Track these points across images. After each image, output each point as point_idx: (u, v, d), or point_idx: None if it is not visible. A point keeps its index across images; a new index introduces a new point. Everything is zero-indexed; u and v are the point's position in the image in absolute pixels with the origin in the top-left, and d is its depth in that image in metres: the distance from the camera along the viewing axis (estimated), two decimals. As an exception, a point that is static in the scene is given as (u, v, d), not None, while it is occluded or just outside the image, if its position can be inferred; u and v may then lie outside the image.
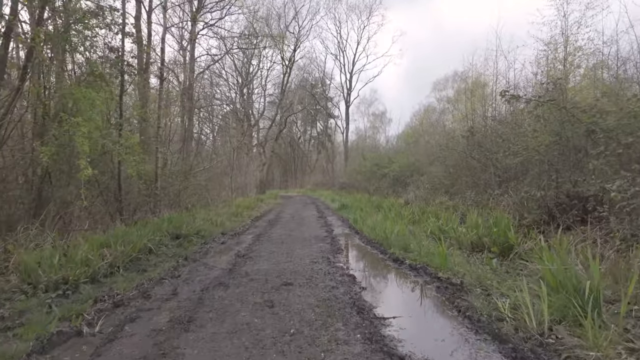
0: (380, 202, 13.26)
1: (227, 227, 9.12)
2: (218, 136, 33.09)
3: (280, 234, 7.96)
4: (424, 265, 4.66)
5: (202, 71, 22.14)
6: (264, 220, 10.83)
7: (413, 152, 16.25)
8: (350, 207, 13.23)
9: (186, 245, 6.54)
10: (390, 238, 6.24)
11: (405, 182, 14.40)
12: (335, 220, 10.95)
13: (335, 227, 9.18)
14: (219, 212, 11.10)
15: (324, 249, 6.16)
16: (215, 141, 28.88)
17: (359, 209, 11.99)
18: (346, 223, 10.02)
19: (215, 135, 29.46)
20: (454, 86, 49.87)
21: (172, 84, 18.53)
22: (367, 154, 22.48)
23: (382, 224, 7.59)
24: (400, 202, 12.31)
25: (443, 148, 11.08)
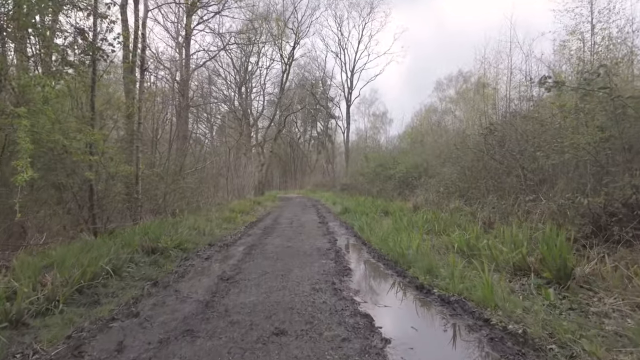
0: (386, 206, 12.14)
1: (217, 236, 7.98)
2: (216, 136, 32.05)
3: (276, 246, 6.83)
4: (460, 299, 3.52)
5: (197, 67, 21.05)
6: (259, 227, 9.70)
7: (419, 152, 15.12)
8: (354, 211, 12.10)
9: (162, 262, 5.40)
10: (407, 254, 5.10)
11: (413, 185, 13.27)
12: (338, 227, 9.82)
13: (338, 237, 8.05)
14: (210, 217, 9.97)
15: (328, 268, 5.03)
16: (213, 141, 27.79)
17: (363, 214, 10.86)
18: (350, 231, 8.89)
19: (213, 135, 28.38)
20: (457, 86, 48.96)
21: (167, 81, 17.45)
22: (370, 154, 21.35)
23: (394, 235, 6.45)
24: (409, 207, 11.18)
25: (457, 147, 9.95)
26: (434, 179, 11.23)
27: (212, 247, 6.86)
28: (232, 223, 9.91)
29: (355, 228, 8.99)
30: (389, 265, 5.13)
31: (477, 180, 9.20)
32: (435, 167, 11.70)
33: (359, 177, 19.77)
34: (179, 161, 12.00)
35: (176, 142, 13.15)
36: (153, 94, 11.64)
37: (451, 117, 45.02)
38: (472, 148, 9.20)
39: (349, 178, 26.25)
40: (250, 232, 8.78)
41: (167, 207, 9.74)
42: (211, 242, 7.27)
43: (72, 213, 7.34)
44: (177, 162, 12.10)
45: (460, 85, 48.39)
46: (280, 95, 27.12)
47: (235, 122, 28.09)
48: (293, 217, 12.12)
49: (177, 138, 15.60)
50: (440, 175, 10.85)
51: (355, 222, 10.05)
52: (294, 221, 10.94)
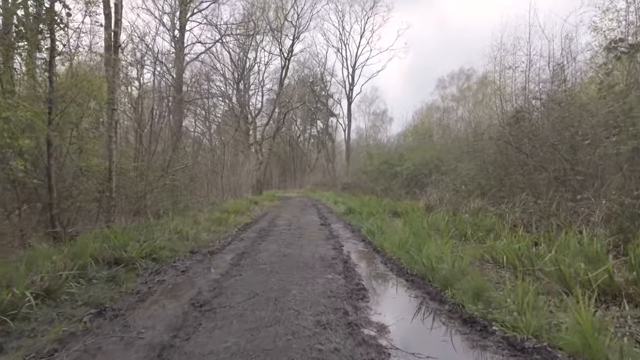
0: (394, 205, 10.95)
1: (202, 241, 6.77)
2: (215, 134, 30.79)
3: (271, 254, 5.62)
4: (542, 346, 2.32)
5: (192, 60, 19.83)
6: (253, 230, 8.49)
7: (428, 148, 13.92)
8: (359, 212, 10.90)
9: (123, 277, 4.18)
10: (439, 268, 3.90)
11: (422, 183, 12.07)
12: (342, 229, 8.62)
13: (344, 241, 6.85)
14: (198, 218, 8.76)
15: (336, 286, 3.83)
16: (212, 140, 26.54)
17: (370, 214, 9.66)
18: (357, 235, 7.69)
19: (212, 133, 27.10)
20: (459, 83, 47.87)
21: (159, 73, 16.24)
22: (374, 151, 20.15)
23: (414, 241, 5.25)
24: (420, 207, 9.98)
25: (477, 139, 8.76)
26: (449, 176, 10.04)
27: (194, 255, 5.65)
28: (223, 225, 8.69)
29: (362, 231, 7.79)
30: (416, 283, 3.92)
31: (501, 176, 8.01)
32: (449, 163, 10.51)
33: (362, 176, 18.57)
34: (166, 157, 10.78)
35: (169, 138, 11.94)
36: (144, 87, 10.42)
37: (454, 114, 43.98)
38: (496, 140, 8.01)
39: (350, 177, 25.06)
40: (243, 236, 7.56)
41: (150, 207, 8.52)
42: (194, 248, 6.06)
43: (32, 216, 6.13)
44: (164, 157, 10.88)
45: (462, 83, 47.57)
46: (279, 91, 25.91)
47: (233, 119, 26.88)
48: (292, 218, 10.91)
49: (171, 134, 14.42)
50: (455, 172, 9.66)
51: (361, 223, 8.85)
52: (293, 223, 9.73)
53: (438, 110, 44.01)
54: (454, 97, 46.85)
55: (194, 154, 12.60)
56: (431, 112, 42.42)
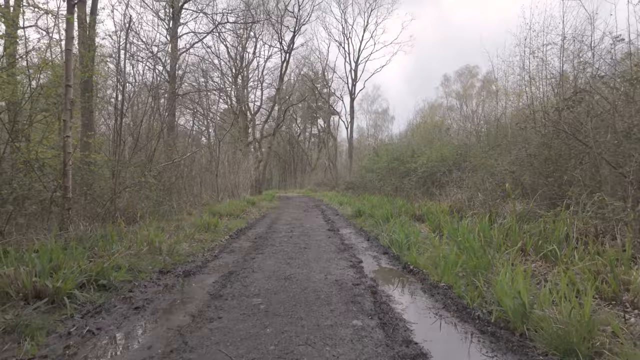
0: (411, 207, 9.40)
1: (181, 254, 5.21)
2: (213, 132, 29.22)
3: (268, 276, 4.08)
4: None
5: (185, 50, 18.28)
6: (247, 238, 6.93)
7: (445, 143, 12.36)
8: (370, 214, 9.37)
9: (34, 324, 2.63)
10: (534, 314, 2.35)
11: (441, 181, 10.52)
12: (355, 236, 7.08)
13: (361, 254, 5.32)
14: (181, 224, 7.21)
15: (372, 349, 2.29)
16: (209, 137, 24.95)
17: (385, 218, 8.12)
18: (376, 244, 6.15)
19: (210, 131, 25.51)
20: (464, 81, 46.37)
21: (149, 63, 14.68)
22: (383, 146, 18.59)
23: (468, 260, 3.71)
24: (444, 208, 8.42)
25: (520, 128, 7.22)
26: (477, 174, 8.49)
27: (164, 277, 4.10)
28: (211, 231, 7.13)
29: (382, 240, 6.25)
30: (506, 341, 2.37)
31: (549, 172, 6.47)
32: (477, 158, 8.95)
33: (368, 174, 17.02)
34: (147, 152, 9.23)
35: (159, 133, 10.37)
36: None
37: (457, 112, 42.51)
38: (547, 127, 6.46)
39: (354, 176, 23.53)
40: (234, 247, 6.00)
41: (125, 210, 6.96)
42: (166, 266, 4.51)
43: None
44: (147, 153, 9.34)
45: (467, 80, 46.09)
46: (279, 86, 24.36)
47: (231, 115, 25.35)
48: (294, 222, 9.35)
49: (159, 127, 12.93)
50: (485, 169, 8.11)
51: (377, 229, 7.33)
52: (296, 228, 8.18)
53: (441, 108, 42.64)
54: (458, 95, 45.53)
55: (183, 150, 11.04)
56: (434, 110, 40.99)
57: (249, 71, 26.47)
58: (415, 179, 11.45)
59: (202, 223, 7.24)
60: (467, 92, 44.58)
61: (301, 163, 46.36)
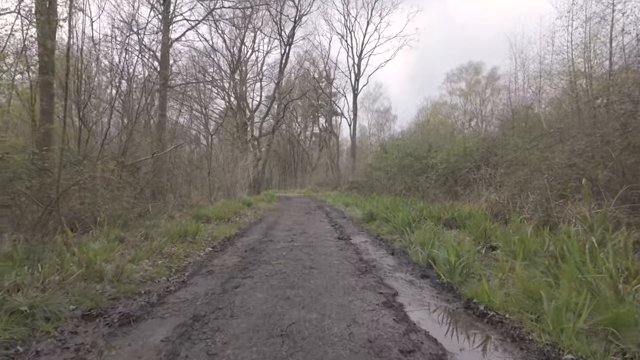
0: (435, 210, 7.77)
1: (131, 281, 3.56)
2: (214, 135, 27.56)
3: (254, 329, 2.44)
4: None
5: (177, 38, 16.63)
6: (235, 251, 5.29)
7: (469, 135, 10.72)
8: (386, 217, 7.75)
9: None
10: None
11: (467, 179, 8.89)
12: (373, 248, 5.43)
13: (392, 279, 3.69)
14: (151, 232, 5.57)
15: None
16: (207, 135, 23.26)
17: (404, 223, 6.50)
18: (404, 260, 4.52)
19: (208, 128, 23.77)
20: (468, 78, 44.77)
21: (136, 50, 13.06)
22: (394, 142, 16.95)
23: (624, 314, 2.08)
24: (478, 211, 6.77)
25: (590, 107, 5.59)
26: (519, 170, 6.85)
27: (81, 331, 2.47)
28: (189, 242, 5.48)
29: (411, 254, 4.62)
30: None
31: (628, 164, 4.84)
32: (517, 150, 7.29)
33: (375, 173, 15.38)
34: (118, 144, 7.60)
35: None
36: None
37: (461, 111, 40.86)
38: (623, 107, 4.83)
39: (358, 175, 21.89)
40: (214, 266, 4.36)
41: (75, 215, 5.31)
42: (98, 305, 2.87)
43: None
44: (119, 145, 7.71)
45: (471, 77, 44.47)
46: (279, 80, 22.72)
47: (228, 110, 23.74)
48: (295, 228, 7.71)
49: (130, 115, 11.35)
50: (531, 163, 6.46)
51: (403, 239, 5.71)
52: (297, 236, 6.53)
53: (445, 106, 40.99)
54: (462, 92, 43.89)
55: (162, 143, 9.36)
56: (437, 109, 39.36)
57: (247, 66, 24.85)
58: (434, 177, 9.81)
59: (177, 231, 5.59)
60: (471, 89, 42.99)
61: (302, 162, 44.73)
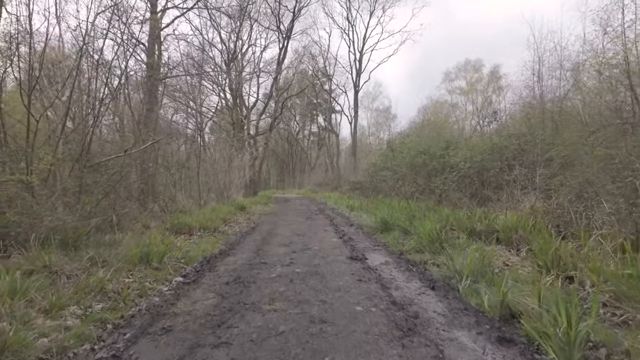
0: (462, 218, 6.33)
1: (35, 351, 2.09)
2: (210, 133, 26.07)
3: None
4: None
5: (167, 25, 15.10)
6: (213, 284, 3.80)
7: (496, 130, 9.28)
8: (405, 228, 6.31)
9: None
10: None
11: (497, 182, 7.47)
12: (403, 278, 3.95)
13: (458, 349, 2.23)
14: (106, 253, 4.08)
15: None
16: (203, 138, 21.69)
17: (432, 235, 5.06)
18: (459, 305, 3.05)
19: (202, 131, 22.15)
20: (468, 76, 43.44)
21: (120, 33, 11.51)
22: (401, 138, 15.51)
23: None
24: (524, 221, 5.31)
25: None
26: (573, 170, 5.42)
27: None
28: (151, 269, 3.99)
29: (468, 295, 3.17)
30: None
31: None
32: (574, 148, 5.86)
33: (382, 173, 13.94)
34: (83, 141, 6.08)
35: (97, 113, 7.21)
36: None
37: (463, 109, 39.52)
38: None
39: (360, 175, 20.46)
40: (176, 315, 2.87)
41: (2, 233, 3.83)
42: None
43: None
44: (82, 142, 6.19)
45: (471, 76, 43.13)
46: (277, 74, 21.23)
47: (226, 110, 22.23)
48: (295, 241, 6.22)
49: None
50: (597, 161, 5.03)
51: (431, 262, 4.29)
52: (298, 254, 5.04)
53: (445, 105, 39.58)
54: (462, 91, 42.52)
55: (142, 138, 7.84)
56: (438, 107, 37.98)
57: (243, 62, 23.30)
58: (455, 178, 8.37)
59: (137, 253, 4.09)
60: (472, 87, 41.66)
61: (300, 162, 43.24)
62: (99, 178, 6.25)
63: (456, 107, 39.71)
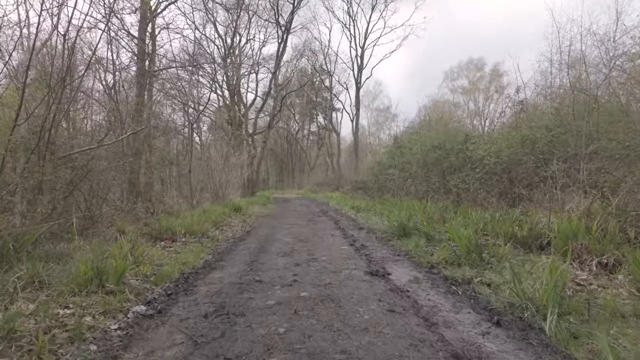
0: (495, 221, 5.29)
1: None
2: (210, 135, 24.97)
3: None
4: None
5: (157, 13, 14.01)
6: (185, 319, 2.72)
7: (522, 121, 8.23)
8: (428, 233, 5.26)
9: None
10: None
11: (530, 178, 6.42)
12: (449, 305, 2.85)
13: None
14: (50, 270, 3.00)
15: None
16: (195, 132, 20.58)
17: (470, 244, 3.99)
18: (546, 349, 1.98)
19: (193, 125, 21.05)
20: (470, 75, 42.49)
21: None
22: (409, 134, 14.46)
23: None
24: (576, 225, 4.23)
25: None
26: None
27: None
28: (101, 295, 2.91)
29: (563, 343, 2.09)
30: None
31: None
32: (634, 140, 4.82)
33: (389, 171, 12.87)
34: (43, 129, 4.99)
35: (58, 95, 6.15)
36: None
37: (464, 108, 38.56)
38: None
39: (363, 174, 19.41)
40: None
41: None
42: None
43: None
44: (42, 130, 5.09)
45: (473, 75, 42.16)
46: (276, 69, 20.16)
47: (225, 109, 21.15)
48: (297, 248, 5.14)
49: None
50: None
51: (478, 279, 3.22)
52: (302, 269, 3.96)
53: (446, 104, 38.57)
54: (464, 90, 41.54)
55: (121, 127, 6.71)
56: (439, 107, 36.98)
57: (241, 57, 22.21)
58: (478, 175, 7.30)
59: (87, 269, 3.00)
60: (474, 86, 40.71)
61: (299, 162, 42.15)
62: (61, 174, 5.17)
63: (458, 106, 38.73)
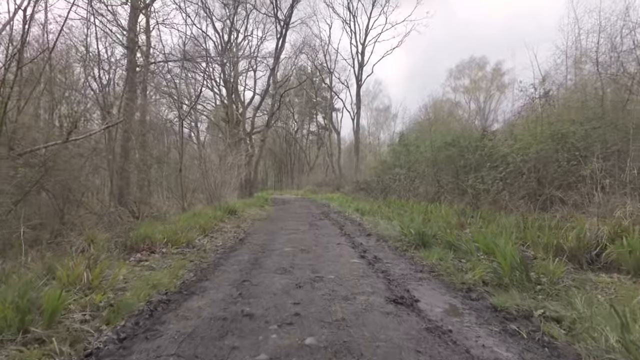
0: (530, 229, 4.43)
1: None
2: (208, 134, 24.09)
3: None
4: None
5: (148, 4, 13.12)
6: (151, 359, 1.85)
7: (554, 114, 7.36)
8: (454, 244, 4.41)
9: None
10: None
11: (564, 178, 5.56)
12: (516, 358, 2.02)
13: None
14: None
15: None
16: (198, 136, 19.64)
17: (512, 260, 3.13)
18: None
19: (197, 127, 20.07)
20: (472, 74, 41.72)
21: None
22: (420, 131, 13.61)
23: None
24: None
25: None
26: None
27: None
28: (28, 341, 2.05)
29: None
30: None
31: None
32: None
33: (394, 171, 12.01)
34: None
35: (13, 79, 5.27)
36: None
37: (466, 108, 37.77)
38: None
39: (365, 174, 18.54)
40: None
41: None
42: None
43: None
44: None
45: (475, 73, 41.38)
46: (274, 65, 19.28)
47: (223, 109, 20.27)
48: (298, 265, 4.26)
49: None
50: None
51: (540, 313, 2.29)
52: (306, 295, 3.07)
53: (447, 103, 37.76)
54: (466, 89, 40.76)
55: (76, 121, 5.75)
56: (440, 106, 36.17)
57: (239, 53, 21.30)
58: (502, 175, 6.44)
59: (2, 309, 2.13)
60: (476, 85, 39.96)
61: (299, 162, 41.27)
62: (20, 172, 4.28)
63: (459, 105, 37.92)
